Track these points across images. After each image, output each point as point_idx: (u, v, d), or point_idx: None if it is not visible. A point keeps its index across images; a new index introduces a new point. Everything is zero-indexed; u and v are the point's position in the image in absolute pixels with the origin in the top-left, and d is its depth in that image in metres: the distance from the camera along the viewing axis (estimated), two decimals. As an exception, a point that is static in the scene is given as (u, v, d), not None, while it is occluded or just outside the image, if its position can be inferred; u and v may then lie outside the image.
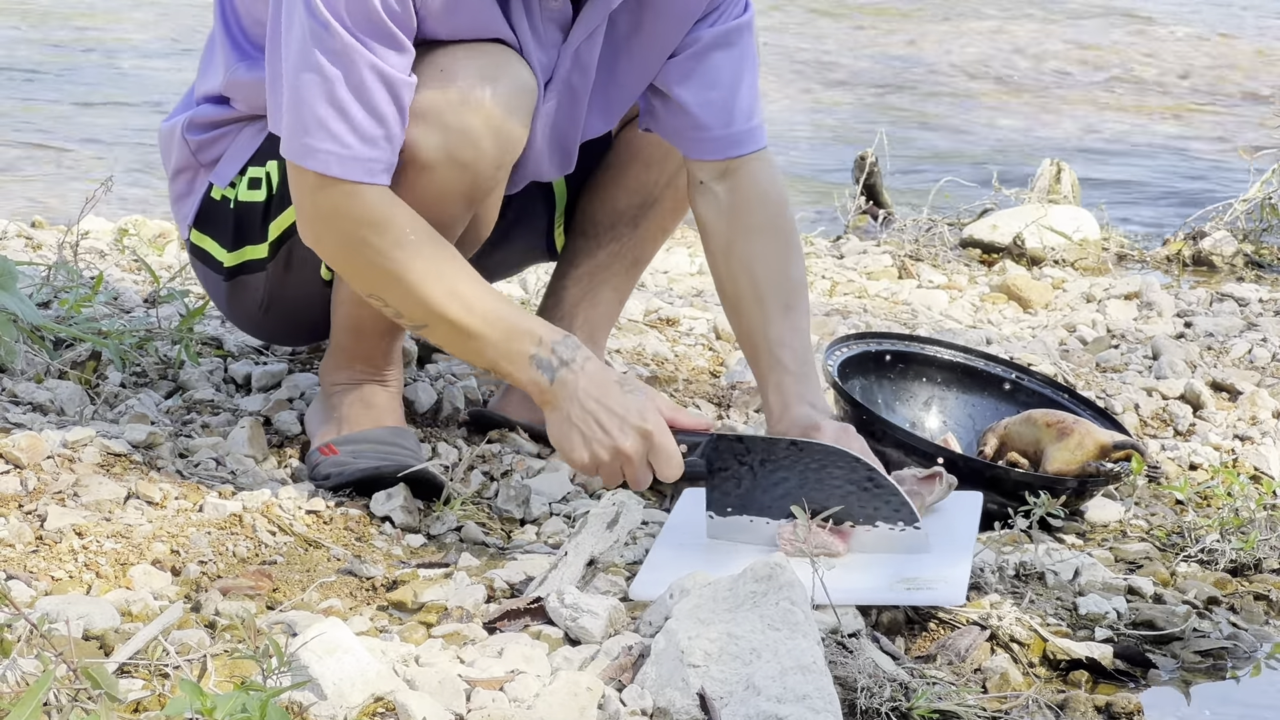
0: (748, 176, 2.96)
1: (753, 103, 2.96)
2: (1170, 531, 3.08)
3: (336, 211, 2.69)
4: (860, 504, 2.68)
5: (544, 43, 2.83)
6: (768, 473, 2.70)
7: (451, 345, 2.78)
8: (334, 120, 2.65)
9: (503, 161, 2.79)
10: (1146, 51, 8.98)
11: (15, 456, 2.83)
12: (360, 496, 2.91)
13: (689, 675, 2.26)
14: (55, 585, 2.52)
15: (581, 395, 2.69)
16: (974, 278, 4.79)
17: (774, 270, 2.95)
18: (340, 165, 2.67)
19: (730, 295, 2.99)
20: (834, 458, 2.68)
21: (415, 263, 2.69)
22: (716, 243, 2.99)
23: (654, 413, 2.69)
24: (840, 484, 2.68)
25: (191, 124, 3.05)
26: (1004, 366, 3.39)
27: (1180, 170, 6.70)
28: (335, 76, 2.64)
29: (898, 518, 2.68)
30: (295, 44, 2.67)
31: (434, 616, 2.52)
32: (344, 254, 2.74)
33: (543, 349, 2.70)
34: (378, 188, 2.69)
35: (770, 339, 2.93)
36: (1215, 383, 3.82)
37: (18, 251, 4.27)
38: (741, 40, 2.95)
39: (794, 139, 6.96)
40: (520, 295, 4.15)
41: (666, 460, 2.68)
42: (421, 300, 2.71)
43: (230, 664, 2.29)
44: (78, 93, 7.40)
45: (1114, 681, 2.59)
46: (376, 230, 2.68)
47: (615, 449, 2.68)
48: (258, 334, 3.24)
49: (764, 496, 2.70)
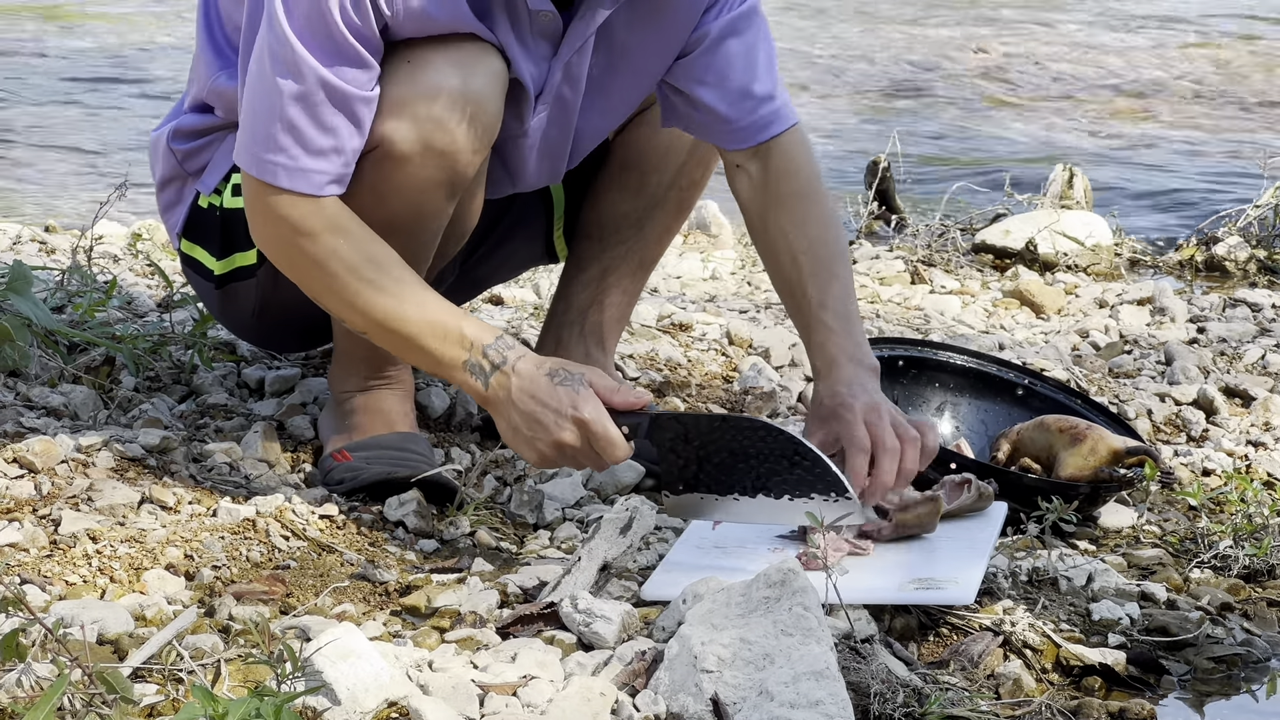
0: (780, 153, 2.97)
1: (773, 83, 2.96)
2: (1183, 537, 3.08)
3: (280, 219, 2.71)
4: (792, 476, 2.69)
5: (534, 55, 2.83)
6: (706, 450, 2.70)
7: (396, 352, 2.80)
8: (282, 133, 2.67)
9: (479, 146, 2.78)
10: (1160, 57, 8.97)
11: (29, 461, 2.84)
12: (373, 501, 2.92)
13: (702, 681, 2.26)
14: (69, 590, 2.52)
15: (516, 396, 2.69)
16: (986, 283, 4.79)
17: (809, 234, 2.95)
18: (288, 177, 2.69)
19: (771, 263, 2.99)
20: (761, 432, 2.68)
21: (349, 271, 2.69)
22: (754, 215, 3.00)
23: (588, 400, 2.67)
24: (771, 457, 2.68)
25: (177, 133, 3.06)
26: (1017, 372, 3.39)
27: (1194, 175, 6.70)
28: (286, 89, 2.66)
29: (829, 489, 2.68)
30: (254, 55, 2.70)
31: (447, 621, 2.52)
32: (285, 261, 2.76)
33: (474, 353, 2.70)
34: (323, 199, 2.70)
35: (811, 298, 2.93)
36: (1228, 388, 3.82)
37: (32, 256, 4.28)
38: (751, 26, 2.95)
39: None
40: (533, 300, 4.16)
41: (608, 445, 2.67)
42: (357, 309, 2.71)
43: (244, 669, 2.30)
44: (92, 97, 7.41)
45: (1127, 688, 2.58)
46: (312, 239, 2.70)
47: (556, 443, 2.68)
48: (255, 340, 3.24)
49: (708, 473, 2.71)
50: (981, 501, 2.90)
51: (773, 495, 2.69)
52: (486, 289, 3.52)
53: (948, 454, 3.07)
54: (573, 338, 3.27)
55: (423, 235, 2.83)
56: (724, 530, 2.78)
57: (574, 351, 3.26)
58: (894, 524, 2.78)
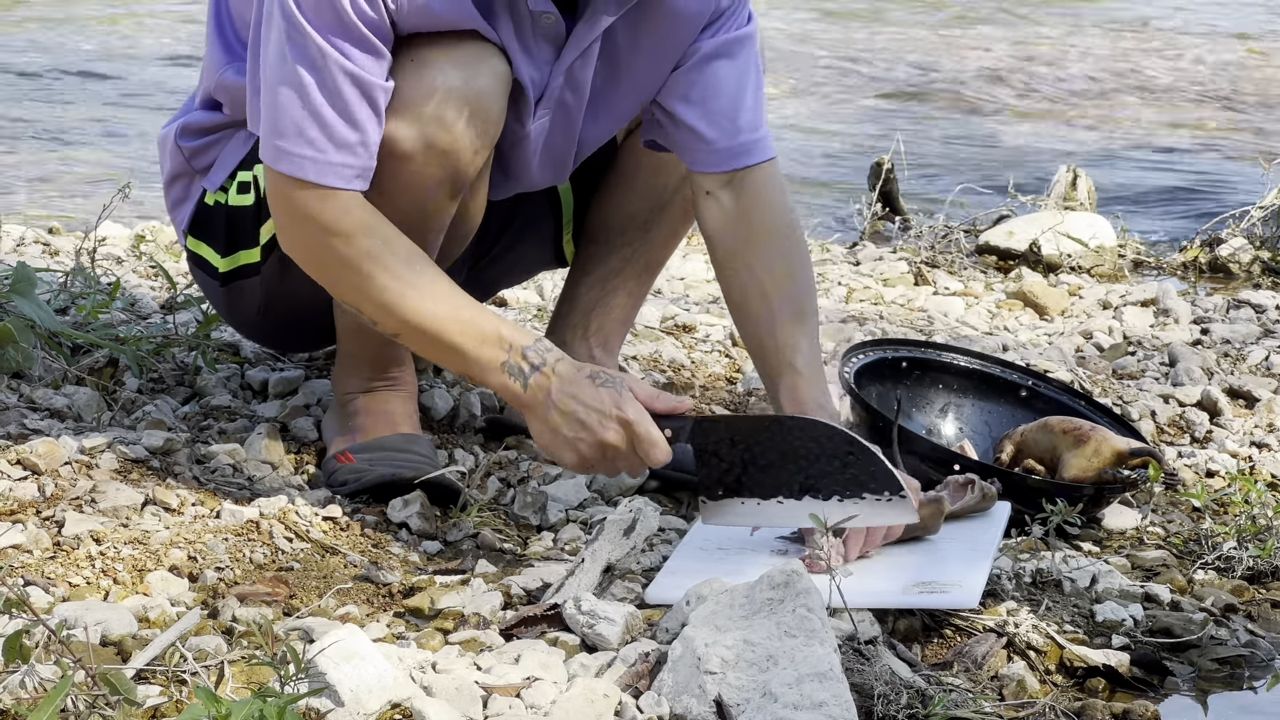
0: (752, 185, 2.94)
1: (757, 114, 2.94)
2: (1187, 539, 3.08)
3: (309, 217, 2.69)
4: (844, 475, 2.67)
5: (536, 60, 2.82)
6: (753, 452, 2.69)
7: (425, 353, 2.79)
8: (309, 126, 2.65)
9: (480, 146, 2.78)
10: (1163, 59, 8.97)
11: (33, 462, 2.84)
12: (377, 503, 2.92)
13: (706, 682, 2.26)
14: (73, 591, 2.52)
15: (556, 397, 2.68)
16: (990, 284, 4.79)
17: (781, 275, 2.94)
18: (316, 170, 2.67)
19: (738, 301, 2.98)
20: (813, 430, 2.67)
21: (385, 272, 2.68)
22: (723, 250, 2.97)
23: (631, 401, 2.67)
24: (823, 457, 2.66)
25: (184, 130, 3.05)
26: (1020, 373, 3.38)
27: (1197, 177, 6.69)
28: (310, 82, 2.64)
29: (882, 487, 2.66)
30: (272, 49, 2.67)
31: (451, 623, 2.52)
32: (316, 261, 2.74)
33: (513, 355, 2.69)
34: (351, 194, 2.68)
35: (780, 342, 2.92)
36: (1232, 389, 3.81)
37: (35, 258, 4.28)
38: (744, 51, 2.93)
39: (810, 146, 6.96)
40: (536, 302, 4.16)
41: (651, 446, 2.66)
42: (390, 310, 2.70)
43: (247, 670, 2.30)
44: (96, 98, 7.41)
45: (1131, 689, 2.58)
46: (346, 239, 2.68)
47: (599, 443, 2.67)
48: (261, 339, 3.24)
49: (752, 476, 2.69)
50: (985, 503, 2.90)
51: (821, 496, 2.66)
52: (495, 293, 3.52)
53: (951, 455, 3.07)
54: (577, 340, 3.27)
55: (426, 234, 2.83)
56: (727, 532, 2.77)
57: (578, 353, 3.26)
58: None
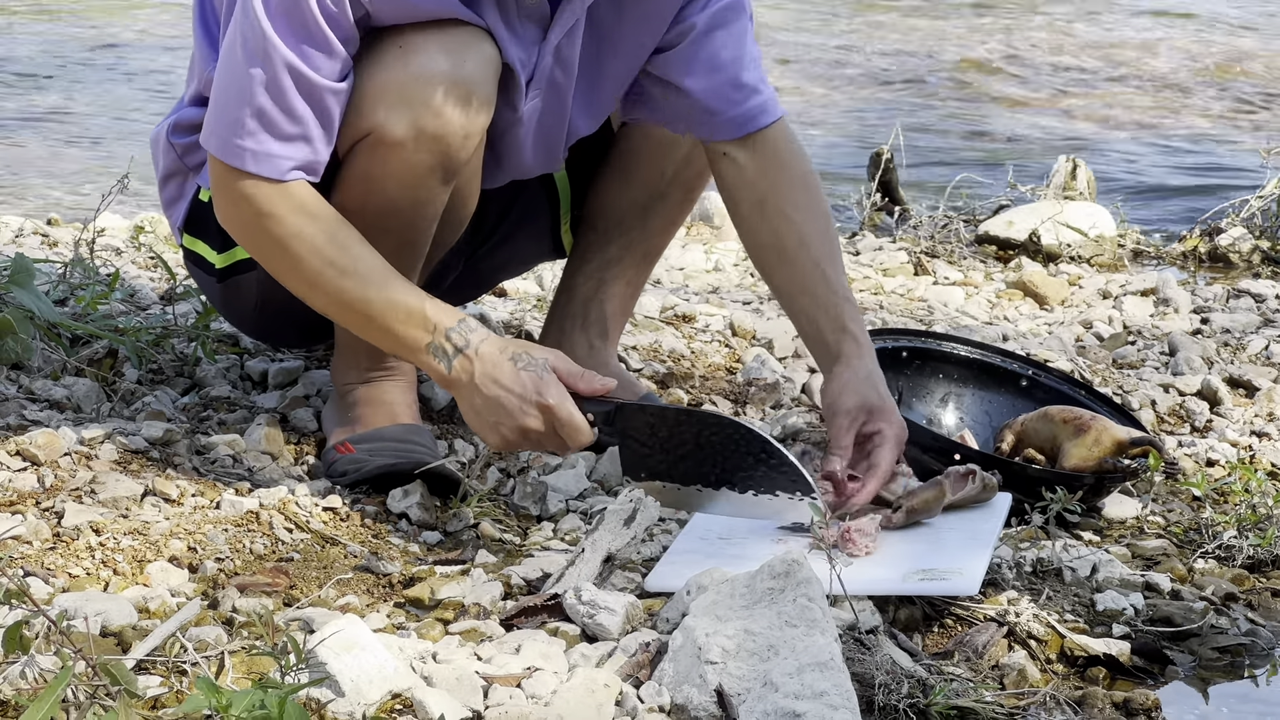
0: (770, 143, 2.97)
1: (759, 76, 2.96)
2: (1187, 528, 3.08)
3: (243, 200, 2.72)
4: (758, 473, 2.71)
5: (522, 40, 2.82)
6: (672, 441, 2.73)
7: (358, 333, 2.80)
8: (250, 118, 2.68)
9: (471, 131, 2.77)
10: (1164, 48, 8.97)
11: (32, 454, 2.83)
12: (377, 493, 2.92)
13: (706, 672, 2.26)
14: (73, 582, 2.52)
15: (479, 380, 2.69)
16: (990, 274, 4.78)
17: (814, 219, 2.95)
18: (254, 161, 2.69)
19: (771, 245, 2.97)
20: (729, 429, 2.72)
21: (314, 254, 2.70)
22: (747, 201, 2.98)
23: (552, 385, 2.68)
24: (738, 454, 2.71)
25: (176, 127, 3.06)
26: (1021, 363, 3.38)
27: (1197, 166, 6.69)
28: (255, 76, 2.67)
29: (795, 488, 2.70)
30: (227, 40, 2.71)
31: (451, 613, 2.52)
32: (250, 242, 2.77)
33: (437, 336, 2.70)
34: (288, 184, 2.70)
35: (829, 278, 2.93)
36: (1232, 379, 3.81)
37: (34, 249, 4.28)
38: (737, 17, 2.95)
39: (809, 136, 6.96)
40: (536, 292, 4.16)
41: (572, 432, 2.69)
42: (320, 290, 2.72)
43: (248, 661, 2.29)
44: (95, 90, 7.41)
45: (1131, 678, 2.58)
46: (277, 221, 2.70)
47: (520, 429, 2.69)
48: (258, 335, 3.24)
49: (671, 464, 2.74)
50: (986, 492, 2.90)
51: (737, 490, 2.73)
52: (494, 285, 3.51)
53: (952, 445, 3.07)
54: (575, 329, 3.27)
55: (419, 222, 2.83)
56: (729, 522, 2.78)
57: (577, 343, 3.26)
58: (905, 510, 2.78)
